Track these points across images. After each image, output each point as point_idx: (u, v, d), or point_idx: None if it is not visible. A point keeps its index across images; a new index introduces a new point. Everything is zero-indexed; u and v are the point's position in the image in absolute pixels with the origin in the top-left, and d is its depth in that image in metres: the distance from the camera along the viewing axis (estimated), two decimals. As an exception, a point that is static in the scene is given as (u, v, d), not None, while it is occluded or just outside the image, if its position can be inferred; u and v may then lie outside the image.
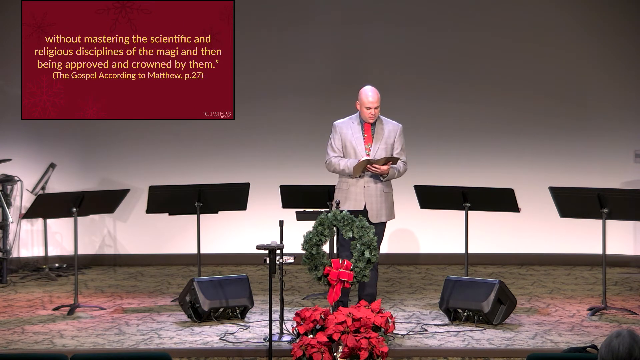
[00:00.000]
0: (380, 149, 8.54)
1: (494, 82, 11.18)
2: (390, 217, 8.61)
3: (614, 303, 8.98)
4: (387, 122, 8.64)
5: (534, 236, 11.10)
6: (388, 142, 8.58)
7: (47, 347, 7.71)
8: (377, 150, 8.53)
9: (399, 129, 8.64)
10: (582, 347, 5.90)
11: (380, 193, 8.52)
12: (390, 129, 8.61)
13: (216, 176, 10.74)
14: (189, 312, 8.47)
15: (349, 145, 8.54)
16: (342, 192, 8.55)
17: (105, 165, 11.32)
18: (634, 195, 8.65)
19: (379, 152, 8.53)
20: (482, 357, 7.48)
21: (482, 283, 8.48)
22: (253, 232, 10.73)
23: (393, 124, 8.65)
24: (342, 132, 8.58)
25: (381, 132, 8.57)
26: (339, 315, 7.36)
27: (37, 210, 9.18)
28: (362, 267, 7.83)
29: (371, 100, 8.49)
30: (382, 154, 8.53)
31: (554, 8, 11.13)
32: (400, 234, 11.10)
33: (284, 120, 11.24)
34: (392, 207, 8.63)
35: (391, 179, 8.56)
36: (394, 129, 8.63)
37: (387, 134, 8.59)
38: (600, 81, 11.12)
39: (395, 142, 8.61)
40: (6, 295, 9.71)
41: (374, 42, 11.20)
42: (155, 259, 11.24)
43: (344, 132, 8.57)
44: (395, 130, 8.62)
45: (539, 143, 11.17)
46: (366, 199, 8.49)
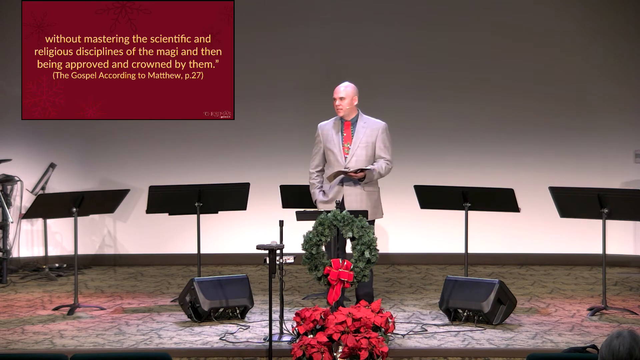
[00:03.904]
0: (360, 147, 8.57)
1: (494, 82, 11.18)
2: (375, 216, 8.61)
3: (614, 303, 8.98)
4: (368, 121, 8.65)
5: (534, 236, 11.10)
6: (369, 141, 8.58)
7: (47, 347, 7.71)
8: (356, 149, 8.56)
9: (381, 127, 8.63)
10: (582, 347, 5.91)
11: (361, 192, 8.53)
12: (372, 128, 8.62)
13: (216, 176, 10.74)
14: (189, 312, 8.47)
15: (328, 146, 8.63)
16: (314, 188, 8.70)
17: (105, 165, 11.32)
18: (634, 195, 8.65)
19: (357, 151, 8.56)
20: (482, 357, 7.48)
21: (482, 283, 8.48)
22: (253, 232, 10.73)
23: (375, 122, 8.66)
24: (323, 132, 8.71)
25: (361, 131, 8.60)
26: (339, 315, 7.36)
27: (37, 210, 9.18)
28: (362, 267, 7.83)
29: (335, 91, 8.57)
30: (361, 152, 8.55)
31: (554, 8, 11.13)
32: (400, 234, 11.10)
33: (284, 120, 11.24)
34: (378, 205, 8.62)
35: (370, 181, 8.56)
36: (376, 127, 8.63)
37: (369, 133, 8.59)
38: (600, 81, 11.12)
39: (378, 140, 8.61)
40: (6, 295, 9.71)
41: (375, 42, 11.20)
42: (155, 259, 11.24)
43: (325, 133, 8.70)
44: (377, 128, 8.62)
45: (539, 143, 11.17)
46: (346, 198, 8.51)
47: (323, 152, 8.73)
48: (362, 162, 8.58)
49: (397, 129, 11.06)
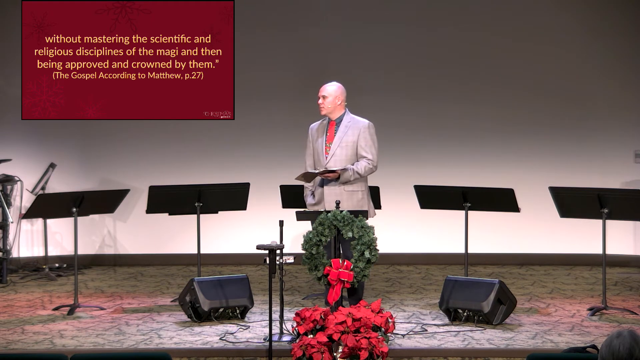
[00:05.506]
0: (340, 147, 8.57)
1: (493, 82, 11.18)
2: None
3: (614, 303, 8.98)
4: (353, 120, 8.65)
5: (534, 236, 11.10)
6: (350, 140, 8.57)
7: (47, 347, 7.71)
8: (337, 148, 8.57)
9: (364, 126, 8.60)
10: (582, 347, 5.91)
11: (340, 192, 8.52)
12: (355, 127, 8.60)
13: (216, 176, 10.74)
14: (189, 312, 8.47)
15: (314, 146, 8.69)
16: (307, 191, 8.73)
17: (105, 165, 11.32)
18: (634, 195, 8.65)
19: (337, 150, 8.56)
20: (482, 357, 7.48)
21: (482, 283, 8.47)
22: (253, 232, 10.73)
23: (359, 121, 8.64)
24: (312, 133, 8.77)
25: (343, 130, 8.60)
26: (339, 315, 7.36)
27: (37, 210, 9.18)
28: (362, 267, 7.83)
29: (320, 90, 8.60)
30: (341, 152, 8.55)
31: (554, 8, 11.13)
32: (401, 234, 11.10)
33: (284, 120, 11.24)
34: (363, 205, 8.56)
35: (346, 181, 8.53)
36: (359, 126, 8.61)
37: (351, 132, 8.58)
38: (600, 81, 11.12)
39: (360, 139, 8.59)
40: (6, 295, 9.71)
41: (375, 42, 11.20)
42: (155, 259, 11.24)
43: (314, 133, 8.76)
44: (359, 127, 8.60)
45: (539, 143, 11.17)
46: (325, 197, 8.52)
47: (312, 159, 8.76)
48: (342, 161, 8.56)
49: (397, 129, 11.11)
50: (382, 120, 10.12)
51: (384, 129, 9.75)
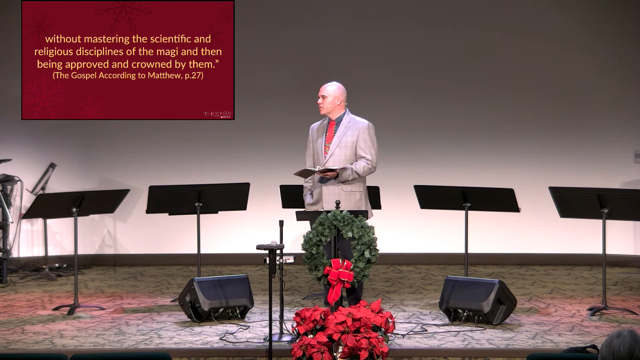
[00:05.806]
0: (340, 147, 8.58)
1: (493, 82, 11.18)
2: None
3: (614, 303, 8.98)
4: (352, 120, 8.65)
5: (534, 236, 11.10)
6: (350, 141, 8.58)
7: (47, 347, 7.71)
8: (336, 148, 8.57)
9: (364, 126, 8.60)
10: (582, 347, 5.92)
11: (339, 192, 8.53)
12: (355, 127, 8.61)
13: (216, 176, 10.74)
14: (189, 312, 8.47)
15: (314, 146, 8.70)
16: (306, 191, 8.74)
17: (105, 165, 11.32)
18: (634, 195, 8.65)
19: (336, 150, 8.57)
20: (482, 357, 7.48)
21: (482, 283, 8.47)
22: (253, 232, 10.73)
23: (359, 121, 8.65)
24: (312, 133, 8.78)
25: (342, 130, 8.60)
26: (339, 315, 7.36)
27: (37, 210, 9.18)
28: (362, 267, 7.83)
29: (319, 90, 8.60)
30: (340, 152, 8.56)
31: (554, 8, 11.13)
32: (401, 234, 11.10)
33: (283, 120, 11.24)
34: (361, 205, 8.57)
35: (345, 180, 8.53)
36: (358, 126, 8.61)
37: (350, 132, 8.59)
38: (600, 81, 11.13)
39: (359, 139, 8.59)
40: (6, 295, 9.71)
41: (375, 42, 11.20)
42: (155, 259, 11.24)
43: (314, 133, 8.77)
44: (359, 128, 8.61)
45: (539, 143, 11.17)
46: (324, 197, 8.52)
47: (312, 158, 8.76)
48: (341, 161, 8.56)
49: (397, 129, 11.11)
50: (382, 120, 10.12)
51: (384, 129, 9.76)
